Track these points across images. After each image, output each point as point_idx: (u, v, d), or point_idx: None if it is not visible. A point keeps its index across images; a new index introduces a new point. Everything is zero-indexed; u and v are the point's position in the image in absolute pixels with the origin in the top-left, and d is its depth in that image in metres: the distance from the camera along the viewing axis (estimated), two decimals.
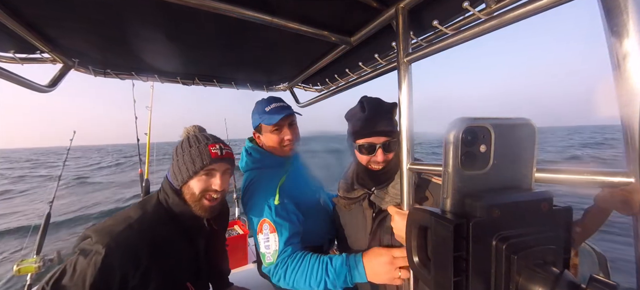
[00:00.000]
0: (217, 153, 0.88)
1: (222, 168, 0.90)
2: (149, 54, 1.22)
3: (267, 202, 0.96)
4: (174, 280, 0.86)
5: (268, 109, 1.08)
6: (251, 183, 1.06)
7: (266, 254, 0.94)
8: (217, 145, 0.89)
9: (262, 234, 0.95)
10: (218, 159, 0.88)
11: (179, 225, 0.90)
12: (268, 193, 0.98)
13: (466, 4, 0.68)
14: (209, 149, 0.87)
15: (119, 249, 0.74)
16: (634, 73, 0.37)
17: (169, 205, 0.89)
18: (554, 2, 0.47)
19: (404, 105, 0.77)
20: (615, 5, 0.38)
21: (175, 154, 0.91)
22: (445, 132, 0.37)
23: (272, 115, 1.06)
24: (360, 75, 1.34)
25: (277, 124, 1.06)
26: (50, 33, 0.97)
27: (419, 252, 0.42)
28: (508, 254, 0.32)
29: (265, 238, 0.94)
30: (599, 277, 0.27)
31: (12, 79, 0.97)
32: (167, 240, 0.86)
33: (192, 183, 0.87)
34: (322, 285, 0.84)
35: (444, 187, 0.38)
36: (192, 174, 0.86)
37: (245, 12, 0.80)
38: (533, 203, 0.35)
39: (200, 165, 0.85)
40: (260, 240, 0.96)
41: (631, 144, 0.38)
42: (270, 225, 0.94)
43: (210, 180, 0.88)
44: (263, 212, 0.96)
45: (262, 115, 1.08)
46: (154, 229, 0.84)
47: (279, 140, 1.09)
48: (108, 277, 0.72)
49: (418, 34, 0.92)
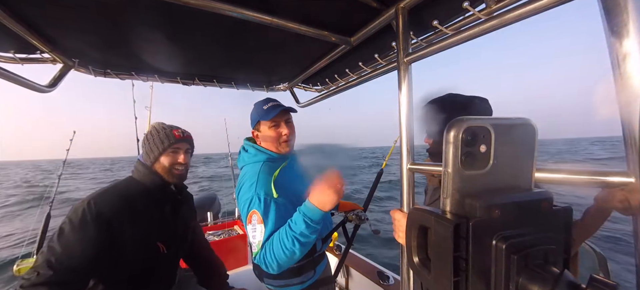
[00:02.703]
0: (179, 134, 1.16)
1: (184, 147, 1.18)
2: (149, 54, 1.22)
3: (258, 194, 0.98)
4: (146, 235, 1.06)
5: (266, 107, 1.12)
6: (245, 176, 1.09)
7: (253, 244, 0.98)
8: (180, 130, 1.18)
9: (251, 224, 0.98)
10: (180, 139, 1.15)
11: (148, 193, 1.11)
12: (259, 185, 1.00)
13: (466, 4, 0.68)
14: (173, 133, 1.15)
15: (100, 203, 0.97)
16: (634, 73, 0.37)
17: (141, 178, 1.13)
18: (554, 2, 0.47)
19: (404, 105, 0.77)
20: (615, 5, 0.38)
21: (146, 140, 1.15)
22: (445, 132, 0.37)
23: (269, 112, 1.11)
24: (360, 75, 1.34)
25: (274, 119, 1.11)
26: (50, 33, 0.97)
27: (419, 252, 0.42)
28: (508, 254, 0.32)
29: (252, 228, 0.97)
30: (599, 277, 0.27)
31: (12, 79, 0.97)
32: (138, 201, 1.07)
33: (162, 159, 1.13)
34: (296, 242, 0.89)
35: (444, 187, 0.38)
36: (162, 151, 1.12)
37: (245, 12, 0.80)
38: (533, 203, 0.35)
39: (167, 143, 1.12)
40: (249, 230, 0.99)
41: (631, 144, 0.38)
42: (258, 216, 0.96)
43: (175, 155, 1.16)
44: (253, 203, 0.98)
45: (260, 113, 1.13)
46: (128, 193, 1.07)
47: (277, 136, 1.12)
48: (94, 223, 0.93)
49: (418, 34, 0.92)
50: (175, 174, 1.16)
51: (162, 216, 1.14)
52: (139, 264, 1.05)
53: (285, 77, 1.70)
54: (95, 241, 0.92)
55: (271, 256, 0.92)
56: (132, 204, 1.04)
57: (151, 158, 1.13)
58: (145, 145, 1.16)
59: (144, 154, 1.16)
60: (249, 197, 1.00)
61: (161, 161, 1.13)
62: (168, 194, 1.17)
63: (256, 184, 1.00)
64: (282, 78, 1.72)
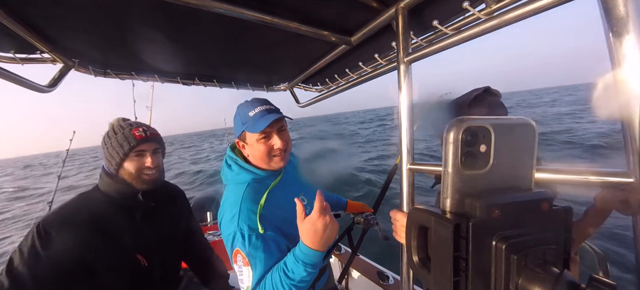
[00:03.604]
0: (141, 135, 0.99)
1: (150, 147, 1.02)
2: (149, 54, 1.22)
3: (240, 229, 0.81)
4: (118, 249, 0.95)
5: (252, 113, 0.90)
6: (226, 201, 0.93)
7: (241, 287, 0.84)
8: (141, 128, 1.00)
9: (236, 264, 0.83)
10: (143, 140, 0.99)
11: (115, 204, 0.99)
12: (242, 217, 0.83)
13: (466, 4, 0.68)
14: (133, 133, 0.98)
15: (51, 224, 0.86)
16: (634, 73, 0.37)
17: (106, 188, 0.99)
18: (554, 2, 0.47)
19: (404, 105, 0.77)
20: (615, 5, 0.38)
21: (103, 144, 0.99)
22: (445, 132, 0.37)
23: (257, 121, 0.88)
24: (360, 75, 1.34)
25: (263, 132, 0.88)
26: (50, 33, 0.97)
27: (419, 252, 0.42)
28: (508, 254, 0.32)
29: (239, 270, 0.83)
30: (599, 277, 0.27)
31: (12, 79, 0.97)
32: (104, 216, 0.95)
33: (126, 165, 0.97)
34: (293, 287, 0.76)
35: (444, 187, 0.38)
36: (123, 157, 0.96)
37: (245, 12, 0.80)
38: (533, 203, 0.35)
39: (128, 147, 0.96)
40: (236, 270, 0.84)
41: (631, 144, 0.38)
42: (244, 257, 0.80)
43: (141, 159, 0.99)
44: (236, 240, 0.82)
45: (245, 122, 0.91)
46: (90, 207, 0.95)
47: (267, 151, 0.91)
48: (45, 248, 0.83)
49: (418, 34, 0.92)
50: (146, 180, 1.00)
51: (134, 226, 1.01)
52: (123, 281, 0.96)
53: (285, 77, 1.70)
54: (51, 267, 0.82)
55: None
56: (95, 218, 0.93)
57: (113, 165, 0.97)
58: (104, 150, 0.98)
59: (105, 159, 1.00)
60: (231, 232, 0.83)
61: (125, 167, 0.98)
62: (138, 202, 1.03)
63: (238, 216, 0.83)
64: (282, 78, 1.72)
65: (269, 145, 0.92)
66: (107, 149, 0.98)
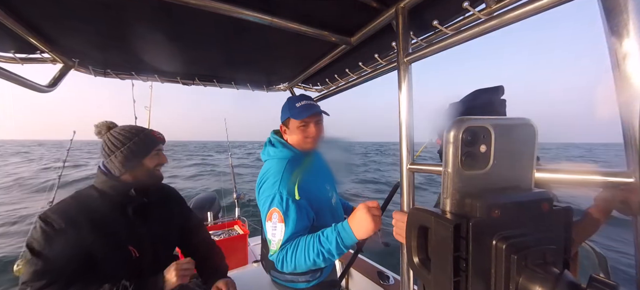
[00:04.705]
0: (161, 137, 1.16)
1: (162, 146, 1.18)
2: (149, 54, 1.22)
3: (280, 192, 0.98)
4: (115, 241, 1.02)
5: (298, 105, 1.10)
6: (268, 171, 1.08)
7: (272, 241, 0.96)
8: (156, 131, 1.16)
9: (271, 221, 0.97)
10: (162, 141, 1.16)
11: (110, 200, 1.06)
12: (283, 183, 0.99)
13: (466, 4, 0.68)
14: (154, 135, 1.12)
15: (52, 215, 0.94)
16: (634, 73, 0.37)
17: (101, 186, 1.06)
18: (554, 2, 0.47)
19: (404, 105, 0.77)
20: (615, 5, 0.38)
21: (113, 147, 1.05)
22: (445, 132, 0.37)
23: (301, 111, 1.08)
24: (360, 75, 1.34)
25: (304, 120, 1.09)
26: (50, 33, 0.97)
27: (419, 252, 0.42)
28: (508, 254, 0.32)
29: (272, 226, 0.96)
30: (599, 277, 0.27)
31: (12, 79, 0.97)
32: (99, 210, 1.03)
33: (146, 161, 1.09)
34: (320, 256, 0.87)
35: (444, 187, 0.38)
36: (145, 154, 1.08)
37: (245, 12, 0.80)
38: (533, 203, 0.35)
39: (152, 146, 1.10)
40: (268, 227, 0.98)
41: (631, 144, 0.38)
42: (280, 215, 0.95)
43: (160, 156, 1.15)
44: (275, 200, 0.97)
45: (292, 110, 1.10)
46: (88, 203, 1.03)
47: (304, 136, 1.11)
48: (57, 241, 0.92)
49: (418, 34, 0.92)
50: (158, 175, 1.15)
51: (127, 220, 1.08)
52: (118, 270, 1.02)
53: (285, 77, 1.70)
54: (61, 254, 0.91)
55: (291, 259, 0.91)
56: (91, 212, 1.01)
57: (126, 167, 1.05)
58: (112, 154, 1.04)
59: (111, 163, 1.05)
60: (271, 194, 0.99)
61: (144, 164, 1.09)
62: (131, 197, 1.10)
63: (280, 182, 1.00)
64: (282, 78, 1.72)
65: (306, 131, 1.11)
66: (121, 152, 1.04)
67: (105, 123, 1.11)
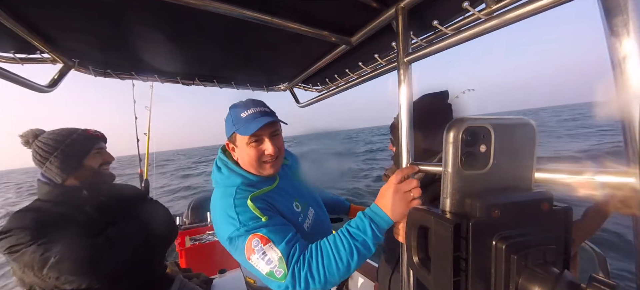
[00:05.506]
0: (99, 134, 1.11)
1: (104, 145, 1.13)
2: (149, 54, 1.22)
3: (244, 223, 0.77)
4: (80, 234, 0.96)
5: (244, 114, 0.85)
6: (218, 205, 0.86)
7: (274, 270, 0.72)
8: (92, 130, 1.11)
9: (255, 253, 0.73)
10: (101, 138, 1.10)
11: (64, 206, 1.00)
12: (243, 216, 0.78)
13: (466, 4, 0.68)
14: (89, 133, 1.07)
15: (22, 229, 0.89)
16: (634, 73, 0.37)
17: (50, 198, 1.00)
18: (554, 2, 0.47)
19: (404, 105, 0.77)
20: (615, 5, 0.38)
21: (46, 153, 0.99)
22: (445, 132, 0.37)
23: (248, 122, 0.84)
24: (360, 75, 1.34)
25: (254, 135, 0.84)
26: (50, 33, 0.97)
27: (419, 252, 0.42)
28: (508, 254, 0.32)
29: (261, 255, 0.73)
30: (599, 277, 0.27)
31: (12, 79, 0.97)
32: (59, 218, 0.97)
33: (88, 162, 1.05)
34: (355, 253, 0.70)
35: (444, 187, 0.38)
36: (84, 155, 1.04)
37: (245, 12, 0.80)
38: (533, 203, 0.35)
39: (89, 145, 1.05)
40: (256, 262, 0.73)
41: (631, 144, 0.37)
42: (261, 237, 0.74)
43: (103, 154, 1.10)
44: (243, 233, 0.76)
45: (236, 122, 0.86)
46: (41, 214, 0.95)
47: (257, 156, 0.87)
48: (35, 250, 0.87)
49: (418, 34, 0.92)
50: (107, 172, 1.10)
51: (91, 218, 1.02)
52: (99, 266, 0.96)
53: (285, 77, 1.70)
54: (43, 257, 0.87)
55: (318, 270, 0.70)
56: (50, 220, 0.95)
57: (67, 172, 0.99)
58: (50, 160, 0.98)
59: (50, 172, 1.00)
60: (236, 232, 0.77)
61: (86, 165, 1.03)
62: (85, 198, 1.04)
63: (237, 216, 0.78)
64: (282, 78, 1.72)
65: (259, 150, 0.87)
66: (57, 158, 0.99)
67: (31, 131, 1.04)
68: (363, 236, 0.71)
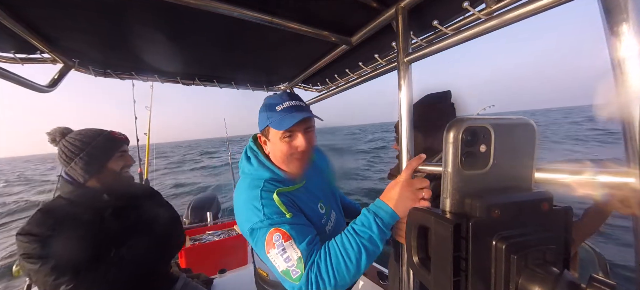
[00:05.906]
0: (123, 137, 1.12)
1: (127, 147, 1.14)
2: (149, 54, 1.22)
3: (269, 216, 0.77)
4: (94, 245, 0.99)
5: (280, 108, 0.84)
6: (243, 195, 0.85)
7: (290, 270, 0.71)
8: (117, 132, 1.12)
9: (275, 248, 0.72)
10: (125, 141, 1.12)
11: (83, 207, 1.03)
12: (268, 208, 0.78)
13: (466, 4, 0.68)
14: (114, 136, 1.09)
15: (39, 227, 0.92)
16: (634, 73, 0.37)
17: (71, 197, 1.02)
18: (554, 2, 0.47)
19: (404, 105, 0.77)
20: (615, 5, 0.38)
21: (72, 154, 1.02)
22: (445, 132, 0.37)
23: (284, 117, 0.82)
24: (360, 75, 1.34)
25: (289, 130, 0.83)
26: (51, 33, 0.97)
27: (418, 252, 0.42)
28: (508, 254, 0.32)
29: (281, 250, 0.72)
30: (599, 276, 0.27)
31: (12, 79, 0.97)
32: (76, 219, 0.99)
33: (111, 165, 1.06)
34: (363, 251, 0.69)
35: (444, 187, 0.38)
36: (109, 158, 1.05)
37: (245, 12, 0.80)
38: (533, 203, 0.35)
39: (114, 148, 1.07)
40: (274, 257, 0.73)
41: (631, 144, 0.38)
42: (283, 233, 0.73)
43: (126, 157, 1.11)
44: (266, 225, 0.76)
45: (271, 116, 0.85)
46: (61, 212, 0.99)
47: (290, 151, 0.85)
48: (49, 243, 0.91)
49: (418, 34, 0.92)
50: (127, 175, 1.12)
51: (107, 225, 1.05)
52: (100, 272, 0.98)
53: (285, 77, 1.70)
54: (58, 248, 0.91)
55: (327, 272, 0.69)
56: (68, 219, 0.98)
57: (90, 172, 1.02)
58: (72, 161, 1.01)
59: (74, 172, 1.02)
60: (259, 224, 0.77)
61: (109, 167, 1.05)
62: (105, 202, 1.06)
63: (263, 208, 0.78)
64: (282, 78, 1.73)
65: (292, 145, 0.85)
66: (81, 158, 1.01)
67: (58, 129, 1.06)
68: (369, 232, 0.70)
